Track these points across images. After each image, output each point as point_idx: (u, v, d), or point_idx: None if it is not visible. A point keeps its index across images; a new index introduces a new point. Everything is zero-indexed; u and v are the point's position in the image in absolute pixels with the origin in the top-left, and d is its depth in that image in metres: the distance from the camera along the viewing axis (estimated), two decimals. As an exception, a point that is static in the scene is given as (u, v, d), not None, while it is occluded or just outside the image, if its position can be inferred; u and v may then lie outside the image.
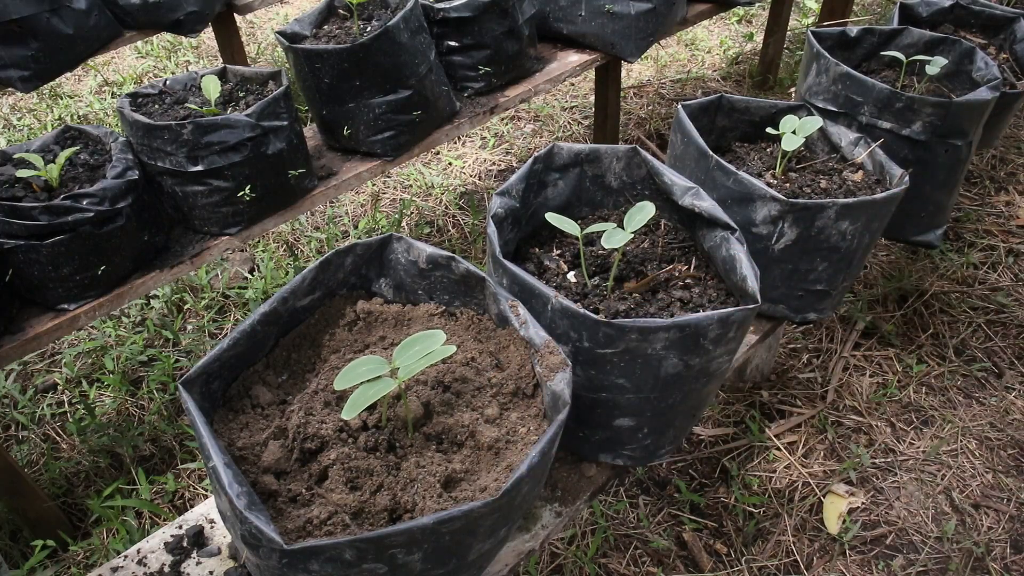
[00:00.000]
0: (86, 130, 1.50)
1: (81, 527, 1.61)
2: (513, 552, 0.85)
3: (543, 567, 1.48)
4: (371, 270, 0.85)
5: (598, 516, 1.56)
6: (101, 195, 1.33)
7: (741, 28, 3.53)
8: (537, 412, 0.74)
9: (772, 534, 1.53)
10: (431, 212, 2.47)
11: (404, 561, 0.59)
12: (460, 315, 0.83)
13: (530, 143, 2.79)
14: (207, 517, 0.86)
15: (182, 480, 1.68)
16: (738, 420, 1.76)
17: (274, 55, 3.37)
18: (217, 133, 1.41)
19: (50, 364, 1.97)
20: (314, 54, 1.58)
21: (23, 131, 2.91)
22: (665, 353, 0.76)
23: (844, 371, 1.86)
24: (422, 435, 0.70)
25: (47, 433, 1.79)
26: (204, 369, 0.70)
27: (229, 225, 1.54)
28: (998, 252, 2.16)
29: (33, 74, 1.91)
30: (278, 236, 2.35)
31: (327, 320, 0.83)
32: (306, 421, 0.70)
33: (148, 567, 0.81)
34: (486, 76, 1.91)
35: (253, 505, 0.58)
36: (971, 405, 1.78)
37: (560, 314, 0.77)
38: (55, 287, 1.35)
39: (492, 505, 0.58)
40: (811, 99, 1.49)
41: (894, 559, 1.49)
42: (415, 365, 0.65)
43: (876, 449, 1.69)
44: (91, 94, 3.11)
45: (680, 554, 1.51)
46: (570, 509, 0.89)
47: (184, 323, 2.06)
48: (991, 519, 1.55)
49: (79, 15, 1.94)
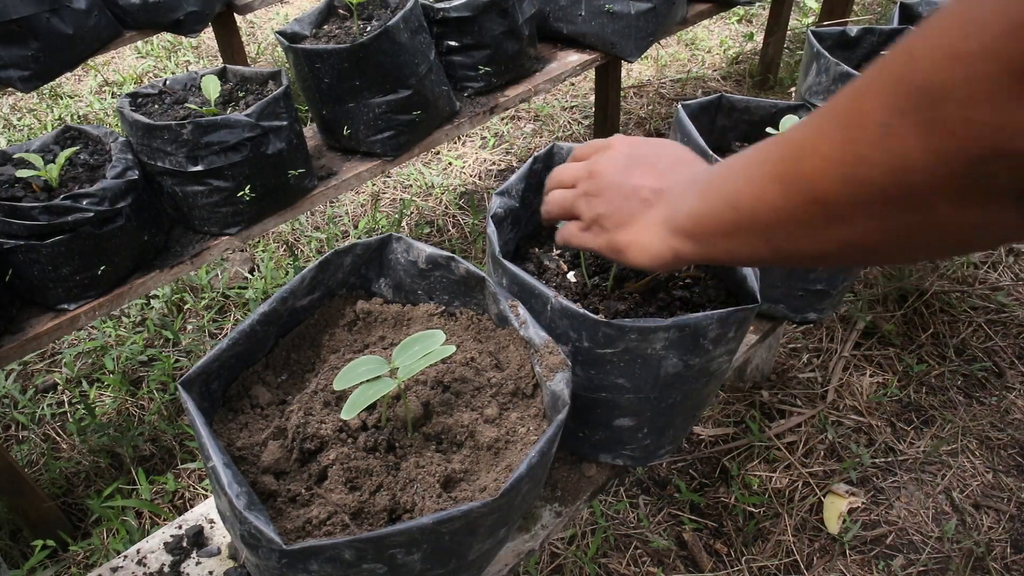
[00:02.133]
0: (86, 130, 1.50)
1: (81, 527, 1.61)
2: (513, 552, 0.85)
3: (543, 567, 1.48)
4: (371, 270, 0.85)
5: (598, 516, 1.56)
6: (101, 195, 1.33)
7: (741, 28, 3.53)
8: (537, 412, 0.74)
9: (772, 534, 1.53)
10: (431, 212, 2.47)
11: (404, 561, 0.59)
12: (460, 315, 0.83)
13: (530, 143, 2.79)
14: (207, 517, 0.86)
15: (182, 480, 1.68)
16: (738, 420, 1.76)
17: (274, 55, 3.37)
18: (217, 133, 1.41)
19: (50, 364, 1.97)
20: (314, 54, 1.58)
21: (23, 131, 2.91)
22: (665, 353, 0.76)
23: (844, 371, 1.86)
24: (421, 435, 0.70)
25: (47, 433, 1.79)
26: (203, 369, 0.70)
27: (229, 225, 1.54)
28: (998, 251, 2.15)
29: (33, 74, 1.91)
30: (278, 236, 2.35)
31: (326, 320, 0.83)
32: (305, 421, 0.70)
33: (148, 567, 0.81)
34: (486, 76, 1.91)
35: (252, 505, 0.58)
36: (971, 405, 1.78)
37: (560, 314, 0.76)
38: (55, 287, 1.35)
39: (492, 505, 0.58)
40: (811, 99, 1.49)
41: (894, 559, 1.48)
42: (415, 365, 0.65)
43: (876, 449, 1.69)
44: (91, 94, 3.11)
45: (680, 554, 1.51)
46: (570, 509, 0.89)
47: (184, 323, 2.06)
48: (991, 519, 1.55)
49: (79, 15, 1.94)
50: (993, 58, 0.34)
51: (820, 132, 0.45)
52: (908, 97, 0.38)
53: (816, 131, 0.46)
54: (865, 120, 0.40)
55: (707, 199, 0.57)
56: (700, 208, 0.57)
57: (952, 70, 0.35)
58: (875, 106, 0.40)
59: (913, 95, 0.37)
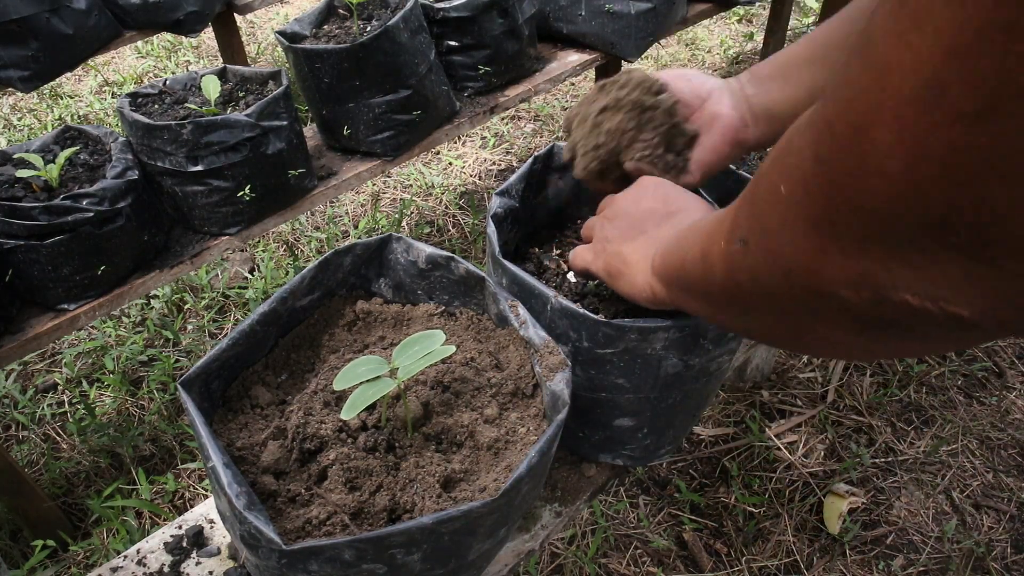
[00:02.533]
0: (86, 130, 1.50)
1: (81, 527, 1.61)
2: (513, 552, 0.85)
3: (543, 567, 1.48)
4: (370, 270, 0.85)
5: (598, 516, 1.56)
6: (101, 195, 1.33)
7: (741, 28, 3.53)
8: (537, 412, 0.74)
9: (772, 534, 1.53)
10: (431, 212, 2.47)
11: (403, 561, 0.59)
12: (459, 315, 0.83)
13: (530, 143, 2.79)
14: (207, 517, 0.86)
15: (182, 480, 1.68)
16: (738, 420, 1.76)
17: (274, 55, 3.37)
18: (217, 133, 1.41)
19: (50, 364, 1.97)
20: (314, 54, 1.58)
21: (23, 131, 2.91)
22: (665, 353, 0.76)
23: (844, 371, 1.86)
24: (421, 435, 0.70)
25: (47, 433, 1.79)
26: (203, 369, 0.70)
27: (229, 225, 1.54)
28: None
29: (33, 74, 1.91)
30: (278, 236, 2.35)
31: (326, 320, 0.83)
32: (305, 421, 0.70)
33: (148, 567, 0.81)
34: (486, 76, 1.91)
35: (252, 505, 0.58)
36: (971, 405, 1.78)
37: (560, 314, 0.76)
38: (55, 287, 1.35)
39: (491, 505, 0.58)
40: (811, 99, 1.49)
41: (894, 559, 1.48)
42: (414, 365, 0.65)
43: (876, 449, 1.69)
44: (91, 94, 3.11)
45: (680, 554, 1.51)
46: (570, 509, 0.89)
47: (184, 323, 2.06)
48: (992, 519, 1.55)
49: (79, 15, 1.94)
50: (795, 206, 0.34)
51: (710, 231, 0.48)
52: (753, 222, 0.40)
53: (711, 227, 0.48)
54: (732, 235, 0.42)
55: (671, 251, 0.58)
56: (666, 258, 0.59)
57: (774, 211, 0.36)
58: (740, 222, 0.42)
59: (756, 223, 0.39)
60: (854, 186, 0.29)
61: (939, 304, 0.29)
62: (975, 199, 0.25)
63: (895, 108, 0.27)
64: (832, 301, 0.34)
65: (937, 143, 0.25)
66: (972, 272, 0.27)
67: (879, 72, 0.27)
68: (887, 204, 0.28)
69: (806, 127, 0.33)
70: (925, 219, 0.27)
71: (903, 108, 0.26)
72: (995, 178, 0.24)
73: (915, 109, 0.26)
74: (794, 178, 0.34)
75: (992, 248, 0.26)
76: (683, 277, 0.54)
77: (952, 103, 0.24)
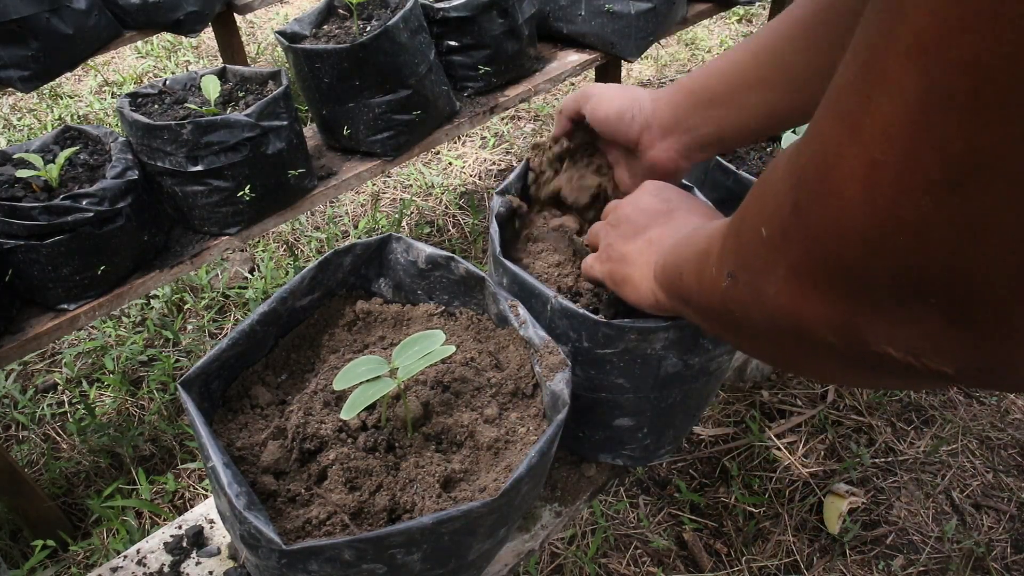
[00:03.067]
0: (86, 130, 1.50)
1: (81, 527, 1.61)
2: (513, 552, 0.85)
3: (543, 567, 1.48)
4: (370, 270, 0.85)
5: (598, 516, 1.56)
6: (101, 195, 1.33)
7: (741, 28, 3.53)
8: (536, 412, 0.74)
9: (772, 534, 1.53)
10: (431, 212, 2.47)
11: (403, 561, 0.59)
12: (459, 315, 0.83)
13: (530, 143, 2.79)
14: (207, 517, 0.86)
15: (182, 480, 1.68)
16: (738, 420, 1.76)
17: (274, 55, 3.37)
18: (216, 133, 1.41)
19: (50, 364, 1.97)
20: (314, 54, 1.58)
21: (23, 131, 2.91)
22: (665, 353, 0.76)
23: (844, 371, 1.86)
24: (421, 435, 0.70)
25: (47, 433, 1.79)
26: (203, 369, 0.70)
27: (229, 225, 1.54)
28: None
29: (33, 74, 1.91)
30: (278, 236, 2.35)
31: (326, 320, 0.83)
32: (305, 421, 0.70)
33: (148, 567, 0.81)
34: (486, 76, 1.91)
35: (252, 505, 0.58)
36: (971, 405, 1.78)
37: (560, 314, 0.76)
38: (55, 287, 1.35)
39: (491, 505, 0.58)
40: (811, 99, 1.49)
41: (894, 559, 1.48)
42: (414, 365, 0.65)
43: (876, 449, 1.69)
44: (91, 94, 3.11)
45: (680, 554, 1.51)
46: (570, 509, 0.89)
47: (184, 323, 2.06)
48: (992, 519, 1.55)
49: (79, 15, 1.94)
50: (775, 251, 0.34)
51: (703, 256, 0.48)
52: (739, 259, 0.40)
53: (702, 251, 0.48)
54: (722, 264, 0.42)
55: (670, 262, 0.58)
56: (667, 269, 0.59)
57: (758, 252, 0.36)
58: (728, 255, 0.42)
59: (741, 260, 0.39)
60: (830, 240, 0.29)
61: (920, 359, 0.29)
62: (948, 266, 0.25)
63: (865, 170, 0.26)
64: (817, 343, 0.34)
65: (909, 211, 0.25)
66: (950, 331, 0.27)
67: (849, 130, 0.27)
68: (862, 262, 0.28)
69: (785, 172, 0.33)
70: (901, 280, 0.27)
71: (874, 172, 0.26)
72: (969, 247, 0.24)
73: (886, 174, 0.25)
74: (774, 223, 0.33)
75: (969, 310, 0.26)
76: (682, 291, 0.55)
77: (922, 171, 0.24)
